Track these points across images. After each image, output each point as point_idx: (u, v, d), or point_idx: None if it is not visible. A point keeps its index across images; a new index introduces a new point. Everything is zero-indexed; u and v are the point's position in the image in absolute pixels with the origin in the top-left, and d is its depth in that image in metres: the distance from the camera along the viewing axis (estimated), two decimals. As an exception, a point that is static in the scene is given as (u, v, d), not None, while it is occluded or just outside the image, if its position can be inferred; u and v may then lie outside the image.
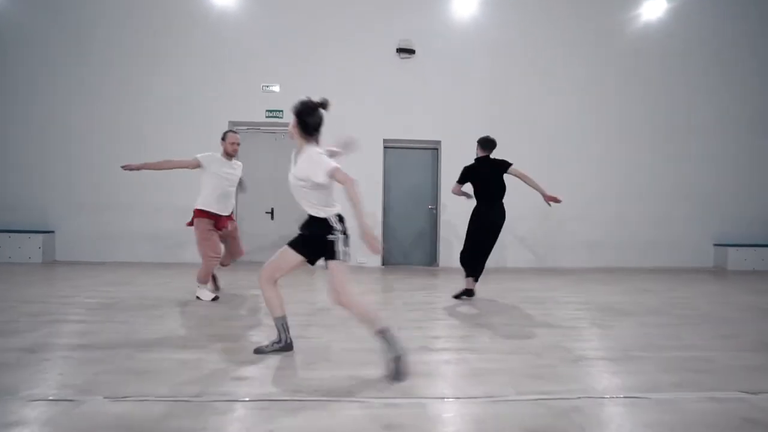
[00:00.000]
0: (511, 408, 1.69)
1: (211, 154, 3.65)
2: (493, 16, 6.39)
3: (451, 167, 6.34)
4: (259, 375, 2.00)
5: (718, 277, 5.75)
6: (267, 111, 6.21)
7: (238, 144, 3.69)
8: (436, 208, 6.48)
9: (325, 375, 2.01)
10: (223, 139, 3.67)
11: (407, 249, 6.48)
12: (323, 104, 2.20)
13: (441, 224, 6.37)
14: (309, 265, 2.32)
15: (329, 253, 2.15)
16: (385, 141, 6.36)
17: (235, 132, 3.75)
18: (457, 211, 6.33)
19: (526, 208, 5.97)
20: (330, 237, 2.14)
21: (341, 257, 2.14)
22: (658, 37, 6.64)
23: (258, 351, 2.27)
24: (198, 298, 3.63)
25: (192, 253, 6.08)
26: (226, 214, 3.67)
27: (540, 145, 6.44)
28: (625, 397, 1.82)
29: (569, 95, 6.53)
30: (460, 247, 6.20)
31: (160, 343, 2.47)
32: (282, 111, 6.22)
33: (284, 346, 2.29)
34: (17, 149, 6.14)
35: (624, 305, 3.79)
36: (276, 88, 6.24)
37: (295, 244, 2.25)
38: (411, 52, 6.18)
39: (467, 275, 3.95)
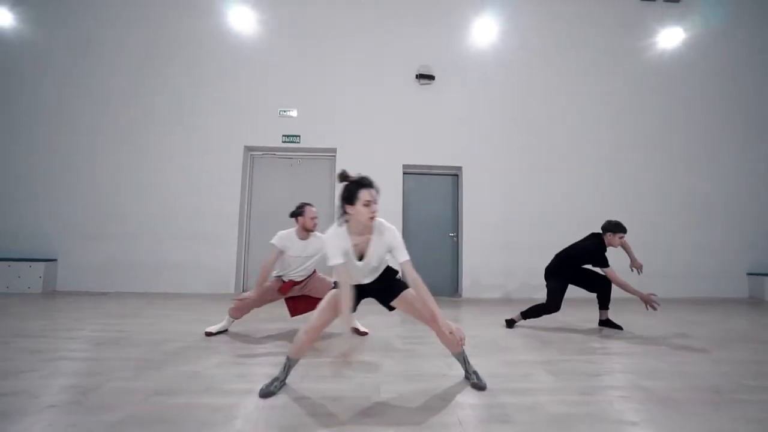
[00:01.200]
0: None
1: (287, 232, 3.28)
2: (513, 42, 6.41)
3: (473, 194, 6.18)
4: (299, 423, 1.68)
5: (762, 309, 5.42)
6: (284, 136, 6.08)
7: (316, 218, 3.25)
8: (458, 236, 6.23)
9: (383, 427, 1.69)
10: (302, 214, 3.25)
11: (428, 279, 6.12)
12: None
13: (463, 253, 6.09)
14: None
15: (396, 288, 2.22)
16: (404, 167, 6.20)
17: (310, 205, 3.26)
18: (478, 239, 6.10)
19: (553, 236, 5.76)
20: (399, 276, 2.25)
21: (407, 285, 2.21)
22: (682, 55, 6.64)
23: (266, 395, 2.01)
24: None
25: (199, 284, 5.80)
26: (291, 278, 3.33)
27: (562, 172, 6.29)
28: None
29: (592, 121, 6.44)
30: (484, 277, 6.05)
31: (180, 385, 2.14)
32: (299, 136, 6.09)
33: (284, 383, 2.15)
34: (20, 173, 5.94)
35: (679, 338, 3.46)
36: (293, 113, 6.14)
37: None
38: (431, 77, 6.14)
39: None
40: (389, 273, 2.29)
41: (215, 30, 6.24)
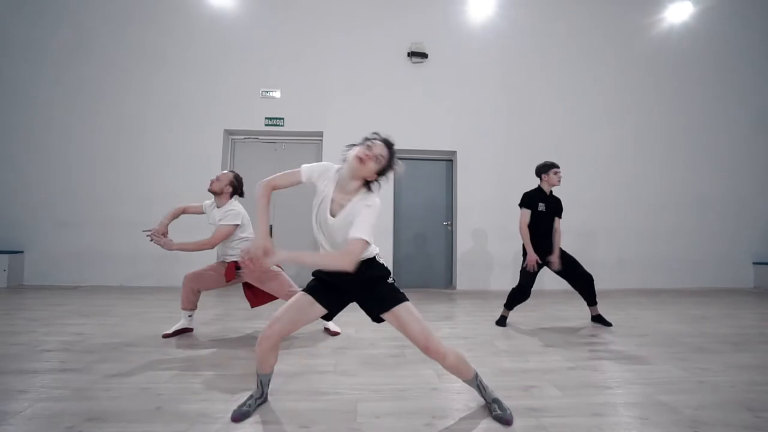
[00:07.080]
0: None
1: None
2: (510, 18, 5.98)
3: (468, 179, 5.82)
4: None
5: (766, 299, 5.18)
6: (266, 119, 5.66)
7: (217, 180, 3.16)
8: (452, 225, 5.90)
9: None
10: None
11: (421, 270, 5.85)
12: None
13: (458, 243, 5.77)
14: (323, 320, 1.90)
15: (388, 299, 1.70)
16: (396, 151, 5.80)
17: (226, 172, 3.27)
18: (474, 228, 5.77)
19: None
20: (390, 279, 1.77)
21: (406, 297, 1.75)
22: (679, 40, 6.28)
23: (239, 417, 1.70)
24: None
25: (176, 277, 5.44)
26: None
27: (560, 156, 5.92)
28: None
29: (591, 104, 6.08)
30: (479, 268, 5.76)
31: (125, 408, 1.81)
32: (283, 119, 5.68)
33: (264, 400, 1.87)
34: (-15, 160, 5.50)
35: (691, 338, 3.19)
36: (276, 94, 5.71)
37: (317, 292, 1.75)
38: (423, 56, 5.71)
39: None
40: (380, 278, 1.76)
41: (194, 4, 5.75)
